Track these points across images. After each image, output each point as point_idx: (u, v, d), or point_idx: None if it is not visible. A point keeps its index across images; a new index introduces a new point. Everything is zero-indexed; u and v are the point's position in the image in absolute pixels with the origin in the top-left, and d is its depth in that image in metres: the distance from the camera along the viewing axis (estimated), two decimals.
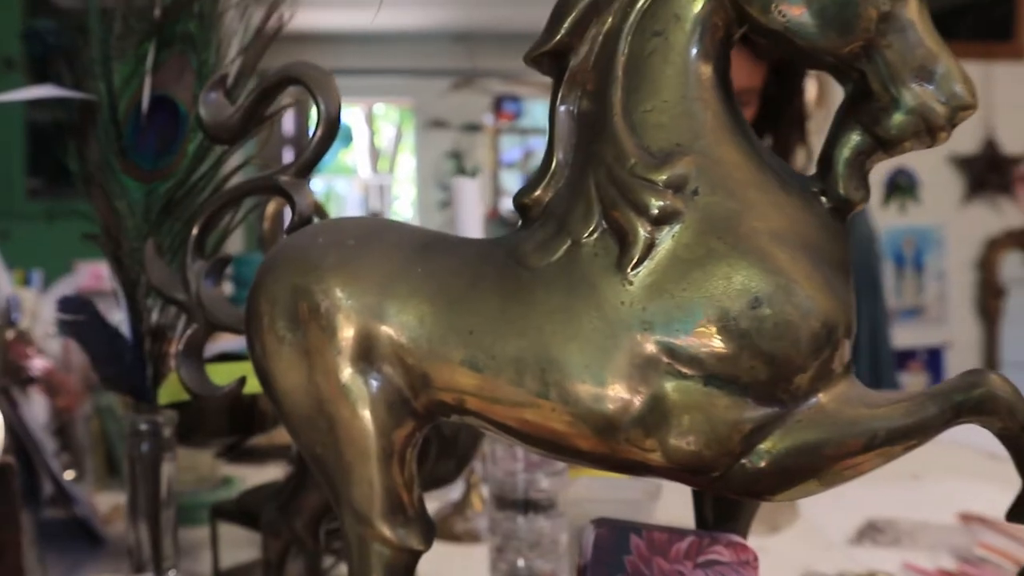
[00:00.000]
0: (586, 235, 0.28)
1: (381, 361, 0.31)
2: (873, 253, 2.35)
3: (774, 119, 1.28)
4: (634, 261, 0.27)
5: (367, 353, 0.31)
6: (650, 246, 0.27)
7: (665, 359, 0.27)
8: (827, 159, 0.29)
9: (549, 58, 0.30)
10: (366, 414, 0.31)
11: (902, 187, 2.44)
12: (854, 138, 0.28)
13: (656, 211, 0.27)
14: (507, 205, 4.51)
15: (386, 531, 0.32)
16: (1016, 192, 2.48)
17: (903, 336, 2.44)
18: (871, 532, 0.67)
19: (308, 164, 0.36)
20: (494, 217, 4.31)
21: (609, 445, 0.28)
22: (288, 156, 2.49)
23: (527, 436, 0.30)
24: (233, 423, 0.60)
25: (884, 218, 2.42)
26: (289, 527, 0.42)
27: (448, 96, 5.17)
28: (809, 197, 0.29)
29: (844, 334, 0.28)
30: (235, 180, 0.48)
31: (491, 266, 0.30)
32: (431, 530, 0.33)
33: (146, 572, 0.51)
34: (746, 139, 0.29)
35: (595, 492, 0.51)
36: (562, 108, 0.30)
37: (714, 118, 0.28)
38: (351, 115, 5.63)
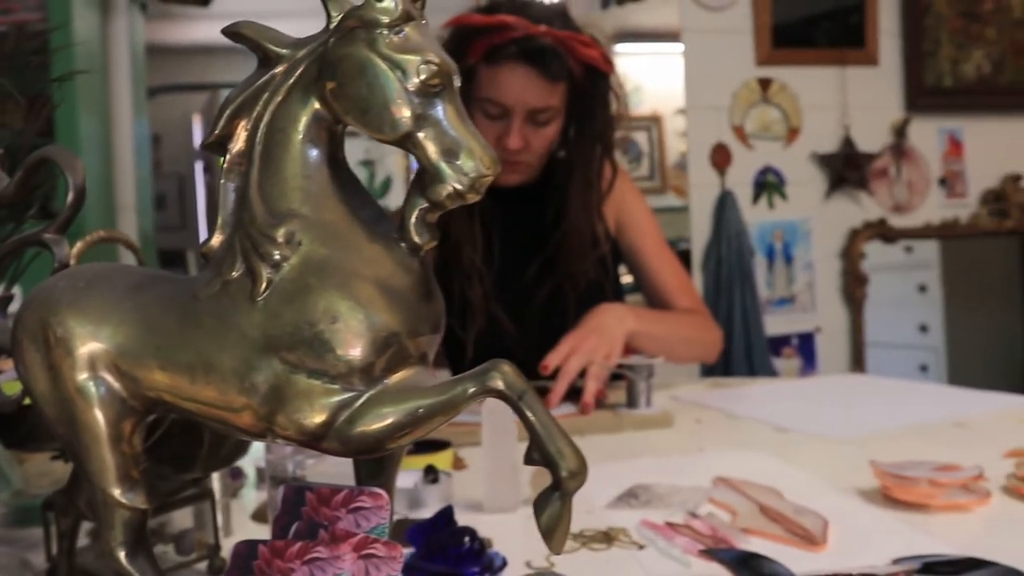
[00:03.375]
0: (232, 275, 0.40)
1: (104, 371, 0.43)
2: (745, 248, 2.53)
3: (578, 134, 1.38)
4: (260, 293, 0.39)
5: (93, 366, 0.43)
6: (270, 282, 0.39)
7: (282, 361, 0.39)
8: (402, 215, 0.40)
9: (217, 145, 0.41)
10: (96, 410, 0.43)
11: (770, 185, 2.62)
12: (418, 200, 0.40)
13: (273, 258, 0.39)
14: None
15: (118, 495, 0.43)
16: (872, 186, 2.68)
17: (777, 324, 2.62)
18: (628, 497, 0.80)
19: (65, 223, 0.47)
20: None
21: (257, 425, 0.40)
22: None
23: (209, 420, 0.41)
24: None
25: (755, 214, 2.60)
26: (73, 504, 0.53)
27: None
28: (391, 242, 0.40)
29: (409, 337, 0.40)
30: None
31: (178, 299, 0.42)
32: (154, 493, 0.44)
33: None
34: (346, 203, 0.41)
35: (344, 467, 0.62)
36: (223, 182, 0.41)
37: (319, 189, 0.40)
38: None
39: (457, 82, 0.39)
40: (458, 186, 0.38)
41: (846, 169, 2.62)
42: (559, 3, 1.44)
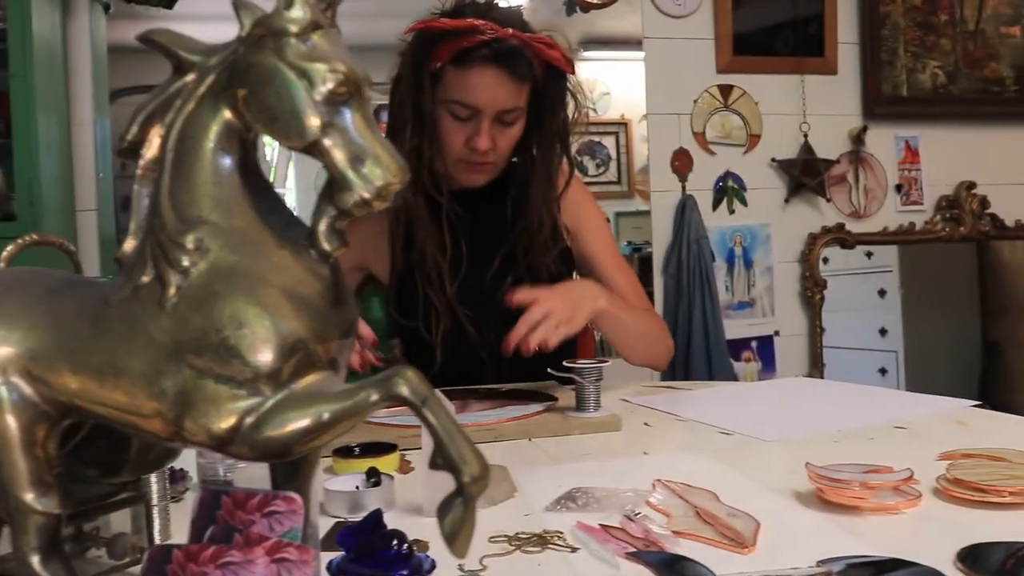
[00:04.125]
0: (143, 280, 0.40)
1: (15, 376, 0.42)
2: (705, 253, 2.56)
3: (539, 132, 1.41)
4: (169, 299, 0.39)
5: (4, 370, 0.42)
6: (178, 288, 0.39)
7: (190, 366, 0.39)
8: (312, 223, 0.41)
9: (130, 151, 0.42)
10: (7, 415, 0.42)
11: (730, 190, 2.65)
12: (327, 207, 0.40)
13: (182, 264, 0.39)
14: None
15: (31, 500, 0.43)
16: (831, 192, 2.72)
17: (738, 328, 2.65)
18: (566, 500, 0.80)
19: None
20: None
21: (166, 429, 0.40)
22: None
23: (120, 425, 0.41)
24: None
25: (715, 219, 2.64)
26: None
27: None
28: (300, 249, 0.41)
29: (317, 342, 0.40)
30: None
31: (91, 304, 0.42)
32: (69, 497, 0.44)
33: None
34: (257, 210, 0.41)
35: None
36: (136, 188, 0.41)
37: (229, 196, 0.40)
38: None
39: (367, 90, 0.40)
40: (365, 194, 0.38)
41: (805, 175, 2.66)
42: (516, 8, 1.47)
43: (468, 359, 1.29)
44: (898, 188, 2.81)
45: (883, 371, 3.14)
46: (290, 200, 6.13)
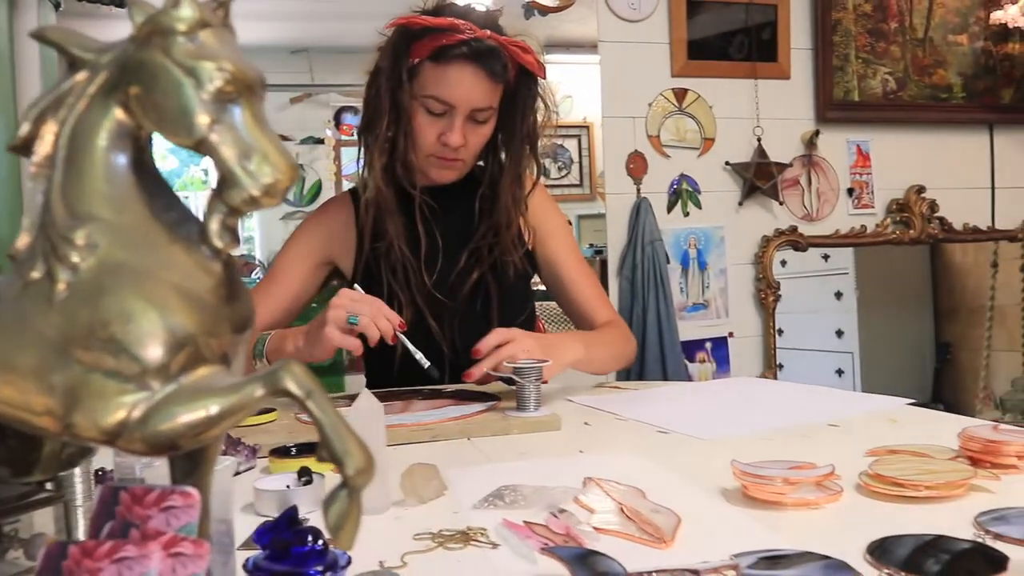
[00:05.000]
0: (33, 276, 0.40)
1: None
2: (660, 255, 2.58)
3: (510, 133, 1.45)
4: (58, 295, 0.39)
5: None
6: (68, 284, 0.39)
7: (78, 361, 0.39)
8: (204, 220, 0.41)
9: (23, 148, 0.42)
10: None
11: (685, 193, 2.67)
12: (219, 204, 0.40)
13: (71, 260, 0.39)
14: None
15: None
16: (784, 195, 2.76)
17: (692, 329, 2.68)
18: (494, 498, 0.81)
19: None
20: None
21: (56, 425, 0.40)
22: None
23: (12, 421, 0.41)
24: None
25: (670, 221, 2.66)
26: None
27: (288, 110, 5.19)
28: (192, 245, 0.41)
29: (206, 337, 0.41)
30: None
31: None
32: None
33: None
34: (149, 207, 0.41)
35: None
36: (30, 185, 0.41)
37: (121, 193, 0.41)
38: None
39: (260, 90, 0.40)
40: (253, 191, 0.39)
41: (758, 178, 2.69)
42: (493, 11, 1.50)
43: (429, 351, 1.30)
44: (850, 191, 2.86)
45: (840, 372, 3.19)
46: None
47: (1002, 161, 3.01)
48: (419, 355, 1.27)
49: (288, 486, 0.83)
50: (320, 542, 0.59)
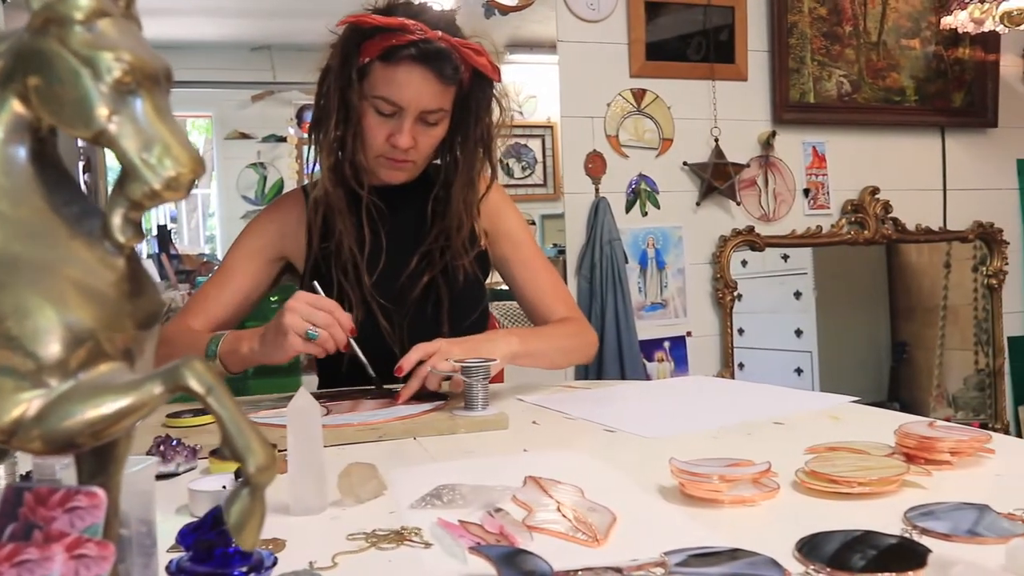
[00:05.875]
0: None
1: None
2: (618, 254, 2.59)
3: (463, 136, 1.44)
4: None
5: None
6: None
7: None
8: (105, 214, 0.40)
9: None
10: None
11: (643, 192, 2.69)
12: (120, 199, 0.39)
13: None
14: None
15: None
16: (741, 195, 2.79)
17: (650, 328, 2.69)
18: (432, 497, 0.80)
19: None
20: None
21: None
22: None
23: None
24: None
25: (628, 221, 2.67)
26: None
27: (250, 107, 5.14)
28: (94, 240, 0.40)
29: (107, 333, 0.40)
30: None
31: None
32: None
33: None
34: (49, 200, 0.40)
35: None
36: None
37: (17, 187, 0.40)
38: None
39: (165, 82, 0.39)
40: (155, 185, 0.38)
41: (716, 179, 2.71)
42: (448, 11, 1.49)
43: (380, 352, 1.29)
44: (806, 192, 2.89)
45: (799, 371, 3.23)
46: (212, 199, 6.03)
47: (953, 163, 3.06)
48: (367, 365, 1.26)
49: (224, 487, 0.81)
50: None
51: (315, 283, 1.32)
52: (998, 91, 3.04)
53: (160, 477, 0.90)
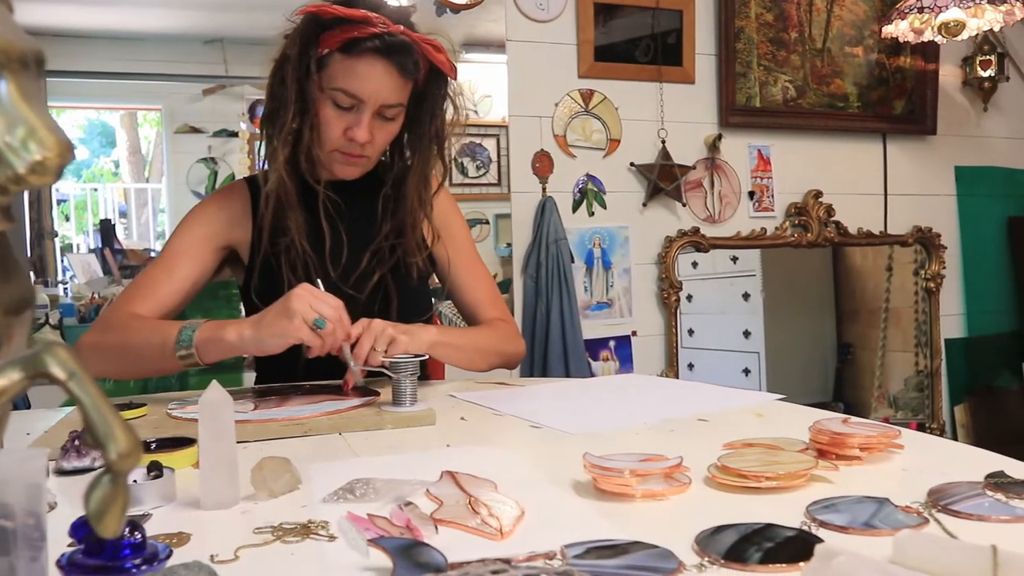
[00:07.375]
0: None
1: None
2: (565, 254, 2.61)
3: (418, 133, 1.44)
4: None
5: None
6: None
7: None
8: None
9: None
10: None
11: (590, 192, 2.70)
12: None
13: None
14: None
15: None
16: (687, 197, 2.82)
17: (596, 328, 2.71)
18: (344, 491, 0.80)
19: None
20: None
21: None
22: None
23: None
24: None
25: (575, 221, 2.69)
26: None
27: (201, 101, 5.07)
28: None
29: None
30: None
31: None
32: None
33: None
34: None
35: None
36: None
37: None
38: (111, 118, 5.39)
39: (34, 66, 0.39)
40: (19, 169, 0.37)
41: (662, 180, 2.74)
42: (406, 7, 1.49)
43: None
44: (751, 195, 2.93)
45: (747, 371, 3.28)
46: (163, 193, 5.94)
47: (894, 169, 3.13)
48: (357, 373, 1.25)
49: (135, 480, 0.81)
50: (138, 534, 0.57)
51: (318, 280, 1.30)
52: (937, 100, 3.12)
53: (75, 472, 0.89)
